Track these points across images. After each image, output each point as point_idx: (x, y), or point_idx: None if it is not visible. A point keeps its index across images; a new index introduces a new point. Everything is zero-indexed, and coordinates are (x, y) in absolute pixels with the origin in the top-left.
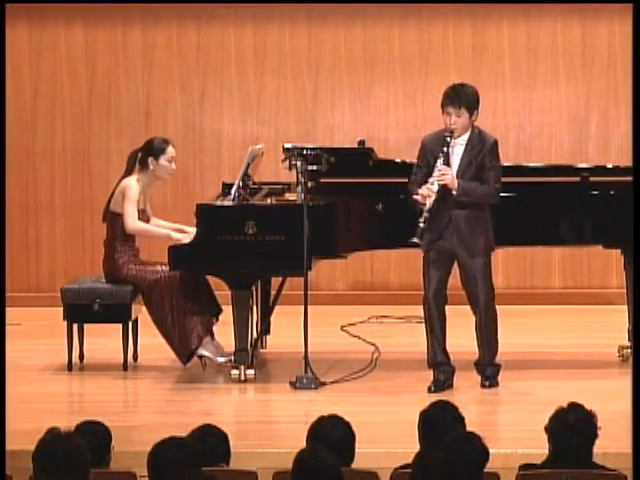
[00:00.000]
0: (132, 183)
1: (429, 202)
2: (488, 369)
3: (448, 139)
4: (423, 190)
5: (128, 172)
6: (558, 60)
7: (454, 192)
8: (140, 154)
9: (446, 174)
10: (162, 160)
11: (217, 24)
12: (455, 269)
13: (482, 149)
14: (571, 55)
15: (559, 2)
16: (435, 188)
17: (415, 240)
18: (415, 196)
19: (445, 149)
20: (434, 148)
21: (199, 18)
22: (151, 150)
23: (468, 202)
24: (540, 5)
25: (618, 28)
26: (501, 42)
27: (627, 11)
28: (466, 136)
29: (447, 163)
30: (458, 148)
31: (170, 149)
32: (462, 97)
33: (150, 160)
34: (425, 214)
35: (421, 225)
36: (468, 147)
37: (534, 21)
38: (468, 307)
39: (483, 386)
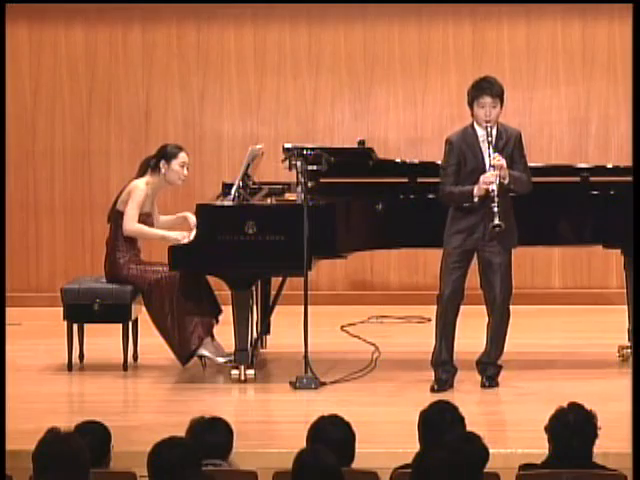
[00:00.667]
0: (140, 185)
1: (495, 187)
2: (490, 369)
3: (489, 128)
4: (484, 180)
5: (140, 176)
6: (558, 60)
7: (505, 180)
8: (153, 160)
9: (501, 159)
10: (174, 164)
11: (217, 24)
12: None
13: (509, 140)
14: (571, 55)
15: (559, 2)
16: (495, 173)
17: (497, 222)
18: (477, 190)
19: (489, 138)
20: (463, 146)
21: (199, 18)
22: (164, 154)
23: (513, 191)
24: (540, 5)
25: (618, 28)
26: (501, 42)
27: (627, 11)
28: (494, 130)
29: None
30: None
31: (183, 154)
32: (497, 88)
33: (162, 164)
34: (496, 199)
35: (496, 209)
36: (497, 140)
37: (534, 21)
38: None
39: (483, 386)
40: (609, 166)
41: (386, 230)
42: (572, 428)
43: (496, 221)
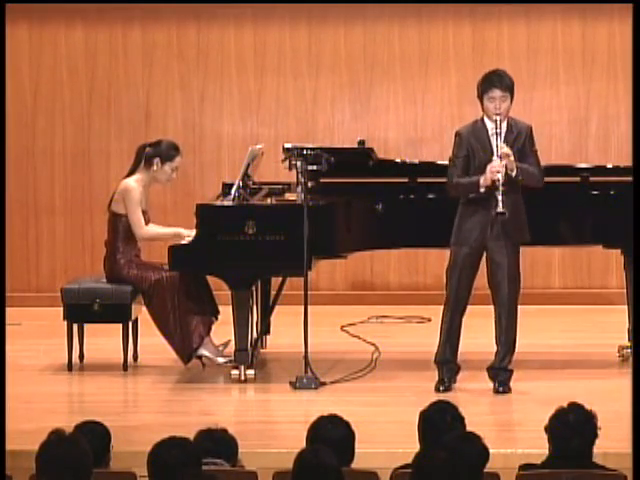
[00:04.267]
0: (132, 186)
1: (501, 176)
2: (501, 374)
3: (498, 121)
4: (491, 169)
5: (134, 167)
6: (558, 60)
7: (513, 173)
8: (148, 148)
9: (509, 152)
10: (167, 166)
11: (217, 24)
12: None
13: (520, 134)
14: (571, 55)
15: (559, 2)
16: (502, 163)
17: (501, 210)
18: (483, 180)
19: (498, 130)
20: (472, 139)
21: (199, 18)
22: (160, 151)
23: (523, 184)
24: (540, 5)
25: (618, 28)
26: (501, 42)
27: (627, 11)
28: (504, 124)
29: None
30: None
31: (178, 159)
32: (507, 81)
33: (156, 161)
34: (501, 188)
35: (500, 197)
36: (507, 134)
37: (534, 21)
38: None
39: (497, 392)
40: (609, 166)
41: (386, 230)
42: (572, 428)
43: (499, 209)
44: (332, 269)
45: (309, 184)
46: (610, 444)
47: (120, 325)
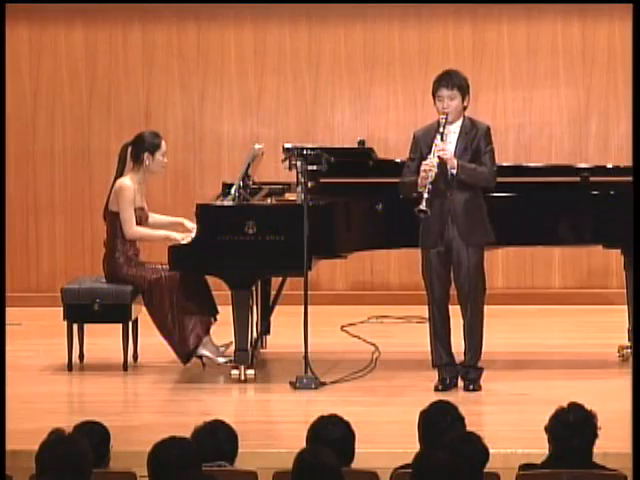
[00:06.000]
0: (125, 184)
1: (431, 175)
2: (471, 372)
3: (443, 120)
4: (423, 167)
5: (121, 168)
6: (558, 60)
7: (453, 171)
8: (131, 148)
9: (445, 149)
10: (158, 155)
11: (217, 24)
12: None
13: (476, 134)
14: (571, 55)
15: (559, 2)
16: (435, 161)
17: (422, 208)
18: (420, 179)
19: (441, 129)
20: (427, 140)
21: (199, 18)
22: (144, 145)
23: (468, 183)
24: (540, 5)
25: (618, 28)
26: (501, 42)
27: (627, 11)
28: (459, 123)
29: None
30: (452, 136)
31: (164, 144)
32: (454, 79)
33: (146, 156)
34: (428, 186)
35: (426, 195)
36: (462, 133)
37: (534, 21)
38: None
39: (467, 390)
40: (609, 166)
41: (386, 230)
42: (572, 428)
43: (421, 206)
44: (332, 269)
45: (309, 184)
46: (610, 444)
47: (120, 325)
